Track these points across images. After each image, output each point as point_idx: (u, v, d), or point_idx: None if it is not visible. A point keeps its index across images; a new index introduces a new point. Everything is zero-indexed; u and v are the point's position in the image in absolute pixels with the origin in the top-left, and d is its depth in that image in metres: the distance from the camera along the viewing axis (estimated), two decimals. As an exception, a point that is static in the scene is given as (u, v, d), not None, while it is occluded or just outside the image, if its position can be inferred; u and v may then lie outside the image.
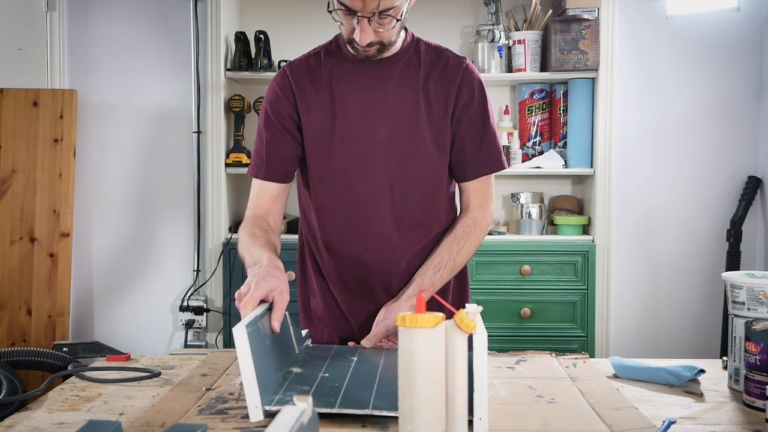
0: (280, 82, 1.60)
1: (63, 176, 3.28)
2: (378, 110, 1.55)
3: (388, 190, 1.56)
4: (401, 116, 1.55)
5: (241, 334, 1.09)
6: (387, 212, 1.57)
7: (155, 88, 3.45)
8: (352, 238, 1.59)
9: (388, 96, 1.55)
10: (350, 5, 1.41)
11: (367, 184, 1.56)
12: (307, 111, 1.57)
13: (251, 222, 1.60)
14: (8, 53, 3.41)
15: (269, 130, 1.60)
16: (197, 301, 3.34)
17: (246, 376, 1.08)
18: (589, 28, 3.14)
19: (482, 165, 1.60)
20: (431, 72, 1.57)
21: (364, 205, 1.57)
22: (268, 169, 1.60)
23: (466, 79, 1.57)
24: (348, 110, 1.55)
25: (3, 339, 3.21)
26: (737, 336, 1.29)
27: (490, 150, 1.60)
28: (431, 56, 1.58)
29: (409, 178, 1.56)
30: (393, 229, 1.57)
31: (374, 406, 1.12)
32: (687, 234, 3.39)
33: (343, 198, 1.57)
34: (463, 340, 1.02)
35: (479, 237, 1.61)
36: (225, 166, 3.30)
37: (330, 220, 1.60)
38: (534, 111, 3.38)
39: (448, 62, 1.58)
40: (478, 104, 1.58)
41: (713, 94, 3.35)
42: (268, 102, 1.61)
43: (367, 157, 1.55)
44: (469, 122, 1.57)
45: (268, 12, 3.47)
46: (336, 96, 1.56)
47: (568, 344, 3.14)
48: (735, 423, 1.14)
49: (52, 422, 1.15)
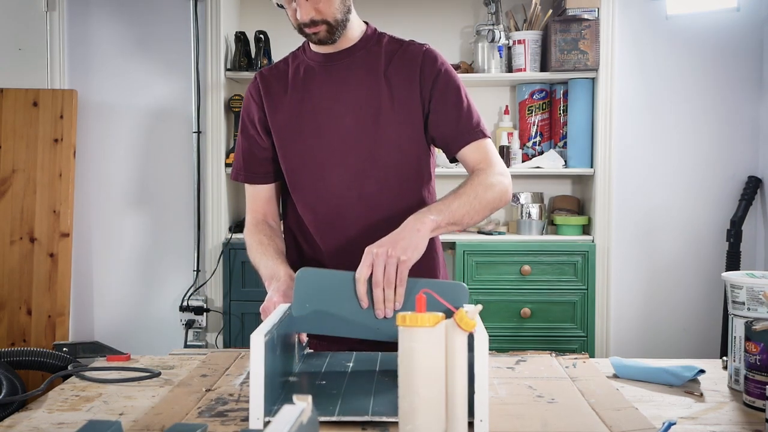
0: (251, 88, 1.67)
1: (63, 176, 3.28)
2: (342, 99, 1.58)
3: (360, 176, 1.57)
4: (365, 103, 1.56)
5: (258, 344, 1.08)
6: (361, 198, 1.57)
7: (155, 88, 3.46)
8: (331, 230, 1.60)
9: (351, 85, 1.58)
10: None
11: (338, 171, 1.57)
12: (274, 111, 1.62)
13: (254, 229, 1.65)
14: (8, 53, 3.41)
15: (244, 134, 1.68)
16: (197, 301, 3.34)
17: (254, 388, 1.07)
18: (589, 28, 3.15)
19: (464, 134, 1.57)
20: (392, 59, 1.59)
21: (338, 195, 1.58)
22: (248, 172, 1.68)
23: (428, 60, 1.58)
24: (314, 104, 1.59)
25: (3, 339, 3.21)
26: (737, 336, 1.29)
27: (469, 120, 1.58)
28: (392, 46, 1.61)
29: (379, 163, 1.57)
30: (368, 215, 1.57)
31: (374, 412, 1.12)
32: (687, 234, 3.39)
33: (318, 189, 1.59)
34: (463, 338, 1.02)
35: (499, 188, 1.52)
36: (225, 166, 3.30)
37: (307, 213, 1.61)
38: (534, 111, 3.38)
39: (408, 48, 1.61)
40: (444, 80, 1.58)
41: (713, 94, 3.35)
42: (243, 108, 1.70)
43: (336, 146, 1.57)
44: (439, 98, 1.58)
45: (268, 12, 3.46)
46: (303, 93, 1.61)
47: (568, 344, 3.14)
48: (735, 423, 1.14)
49: (52, 422, 1.15)
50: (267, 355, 1.09)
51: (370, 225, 1.56)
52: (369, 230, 1.54)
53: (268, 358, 1.10)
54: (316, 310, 1.34)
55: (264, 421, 1.09)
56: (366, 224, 1.57)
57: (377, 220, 1.56)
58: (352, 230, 1.58)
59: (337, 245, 1.60)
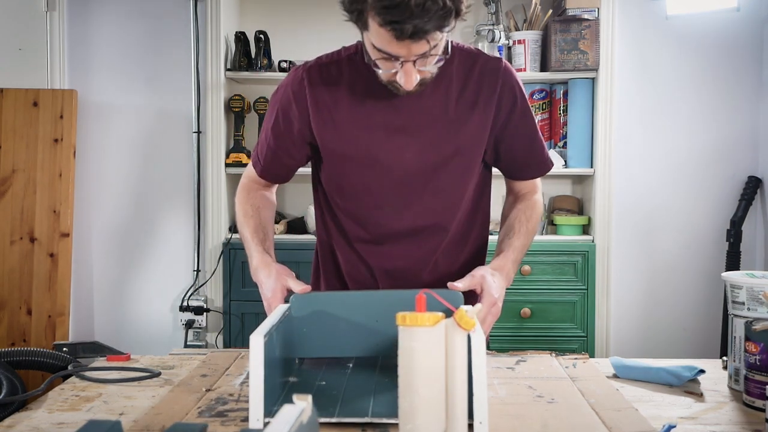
0: (295, 88, 1.49)
1: (63, 176, 3.28)
2: (406, 129, 1.46)
3: (413, 206, 1.52)
4: (430, 135, 1.46)
5: (257, 344, 1.08)
6: (413, 227, 1.54)
7: (155, 88, 3.45)
8: (377, 250, 1.57)
9: (416, 113, 1.45)
10: (394, 53, 1.29)
11: (392, 201, 1.51)
12: (322, 126, 1.48)
13: (246, 196, 1.63)
14: (8, 53, 3.41)
15: (275, 133, 1.54)
16: (197, 301, 3.34)
17: (254, 389, 1.07)
18: (589, 28, 3.15)
19: (534, 168, 1.60)
20: (466, 82, 1.47)
21: (387, 225, 1.53)
22: (264, 169, 1.61)
23: (506, 87, 1.49)
24: (373, 129, 1.46)
25: (3, 339, 3.21)
26: (737, 336, 1.29)
27: (541, 154, 1.59)
28: (465, 64, 1.48)
29: (437, 194, 1.52)
30: (419, 243, 1.55)
31: (373, 414, 1.12)
32: (687, 234, 3.39)
33: (366, 217, 1.54)
34: (463, 338, 1.02)
35: (539, 209, 1.63)
36: (225, 166, 3.30)
37: (352, 229, 1.57)
38: (534, 111, 3.37)
39: (484, 68, 1.48)
40: (521, 110, 1.52)
41: (713, 94, 3.35)
42: (280, 105, 1.52)
43: (394, 179, 1.49)
44: (515, 129, 1.52)
45: (268, 12, 3.47)
46: (361, 114, 1.46)
47: (568, 344, 3.14)
48: (735, 423, 1.14)
49: (52, 422, 1.15)
50: (267, 356, 1.09)
51: (416, 246, 1.56)
52: (414, 250, 1.55)
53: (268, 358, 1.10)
54: (314, 330, 1.37)
55: (264, 421, 1.09)
56: (412, 245, 1.56)
57: (425, 244, 1.56)
58: (398, 252, 1.56)
59: (379, 260, 1.57)
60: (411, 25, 1.22)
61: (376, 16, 1.24)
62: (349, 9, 1.29)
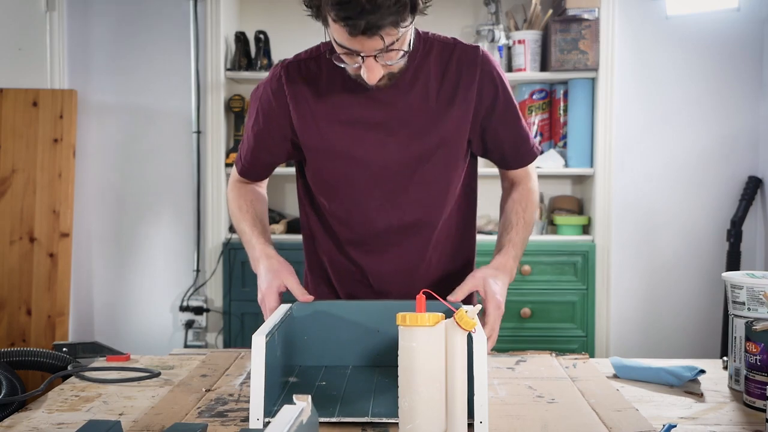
0: (274, 87, 1.49)
1: (63, 176, 3.28)
2: (387, 124, 1.45)
3: (399, 200, 1.51)
4: (411, 129, 1.45)
5: (259, 344, 1.08)
6: (400, 222, 1.52)
7: (155, 88, 3.45)
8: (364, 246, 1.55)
9: (396, 107, 1.44)
10: (353, 48, 1.28)
11: (376, 196, 1.50)
12: (303, 123, 1.47)
13: (238, 191, 1.63)
14: (8, 53, 3.41)
15: (255, 132, 1.54)
16: (197, 301, 3.34)
17: (254, 388, 1.07)
18: (589, 28, 3.14)
19: (523, 154, 1.57)
20: (445, 73, 1.45)
21: (374, 219, 1.52)
22: (245, 168, 1.60)
23: (486, 75, 1.46)
24: (353, 125, 1.45)
25: (3, 339, 3.21)
26: (737, 336, 1.29)
27: (527, 142, 1.57)
28: (443, 56, 1.46)
29: (420, 187, 1.50)
30: (407, 238, 1.54)
31: (373, 414, 1.12)
32: (687, 234, 3.39)
33: (352, 212, 1.52)
34: (463, 338, 1.02)
35: (535, 198, 1.60)
36: (225, 166, 3.30)
37: (338, 228, 1.56)
38: (534, 111, 3.38)
39: (461, 57, 1.46)
40: (504, 97, 1.50)
41: (713, 93, 3.35)
42: (260, 103, 1.51)
43: (376, 173, 1.48)
44: (501, 116, 1.50)
45: (268, 12, 3.47)
46: (341, 110, 1.45)
47: (568, 344, 3.14)
48: (735, 423, 1.14)
49: (51, 422, 1.15)
50: (267, 356, 1.09)
51: (407, 244, 1.54)
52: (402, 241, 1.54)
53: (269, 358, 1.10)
54: (315, 338, 1.38)
55: (264, 421, 1.09)
56: (402, 243, 1.54)
57: (415, 240, 1.54)
58: (387, 251, 1.55)
59: (371, 261, 1.56)
60: (364, 21, 1.22)
61: (331, 11, 1.25)
62: (308, 4, 1.32)
